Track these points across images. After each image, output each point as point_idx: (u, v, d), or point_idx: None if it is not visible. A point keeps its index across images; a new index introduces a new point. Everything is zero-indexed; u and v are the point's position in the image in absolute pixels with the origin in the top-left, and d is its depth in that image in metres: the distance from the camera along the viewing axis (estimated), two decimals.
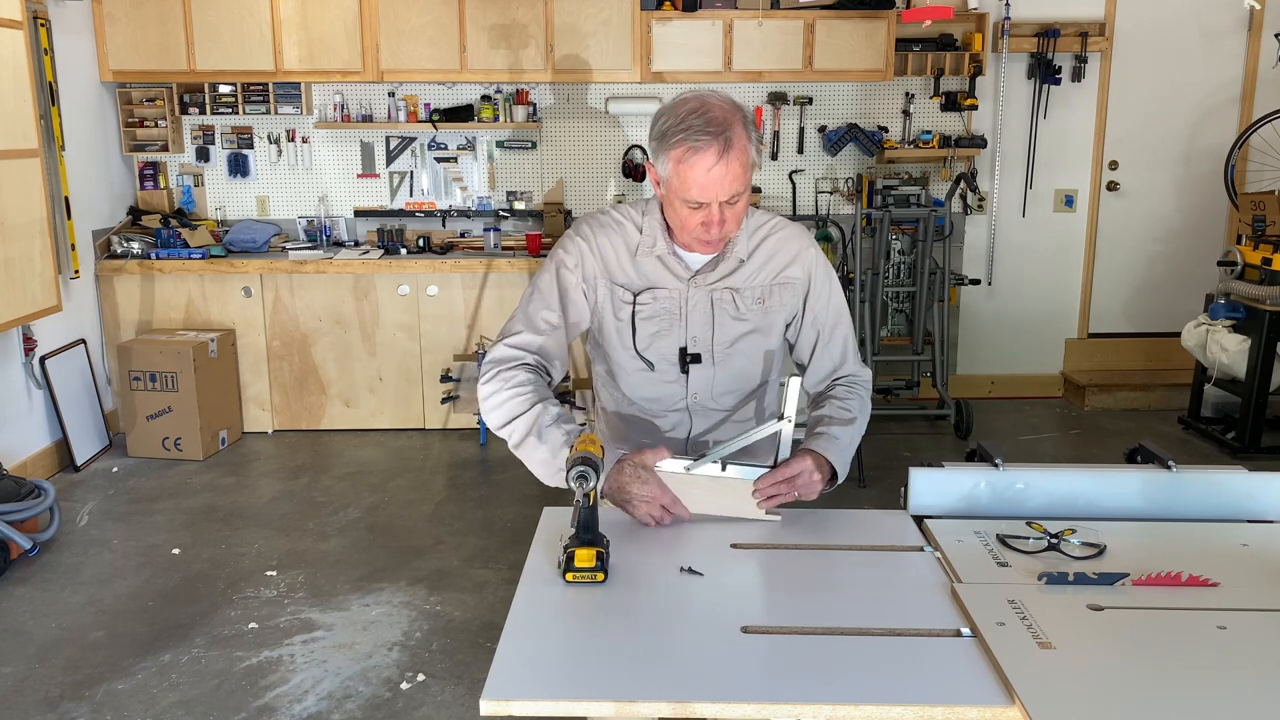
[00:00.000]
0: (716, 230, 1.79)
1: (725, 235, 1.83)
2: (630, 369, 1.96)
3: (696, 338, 1.91)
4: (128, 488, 4.64)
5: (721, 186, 1.74)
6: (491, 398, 1.85)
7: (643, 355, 1.93)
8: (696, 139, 1.72)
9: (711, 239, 1.82)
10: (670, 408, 1.97)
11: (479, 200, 5.75)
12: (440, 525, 4.22)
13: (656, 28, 5.27)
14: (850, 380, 2.01)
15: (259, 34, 5.20)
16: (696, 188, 1.75)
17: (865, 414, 1.98)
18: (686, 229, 1.83)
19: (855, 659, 1.40)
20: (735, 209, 1.80)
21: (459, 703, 2.93)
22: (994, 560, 1.68)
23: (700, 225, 1.80)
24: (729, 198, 1.76)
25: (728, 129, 1.72)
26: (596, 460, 1.62)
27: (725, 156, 1.72)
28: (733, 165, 1.73)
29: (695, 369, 1.92)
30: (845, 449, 1.89)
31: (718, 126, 1.72)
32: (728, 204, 1.77)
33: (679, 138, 1.73)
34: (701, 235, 1.82)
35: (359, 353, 5.35)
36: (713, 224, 1.78)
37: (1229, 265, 5.09)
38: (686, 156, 1.73)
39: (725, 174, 1.73)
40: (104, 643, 3.26)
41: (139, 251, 5.16)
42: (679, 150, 1.74)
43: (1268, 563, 1.68)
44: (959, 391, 5.80)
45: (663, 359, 1.93)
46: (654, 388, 1.96)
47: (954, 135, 5.65)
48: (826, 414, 1.94)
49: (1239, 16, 5.71)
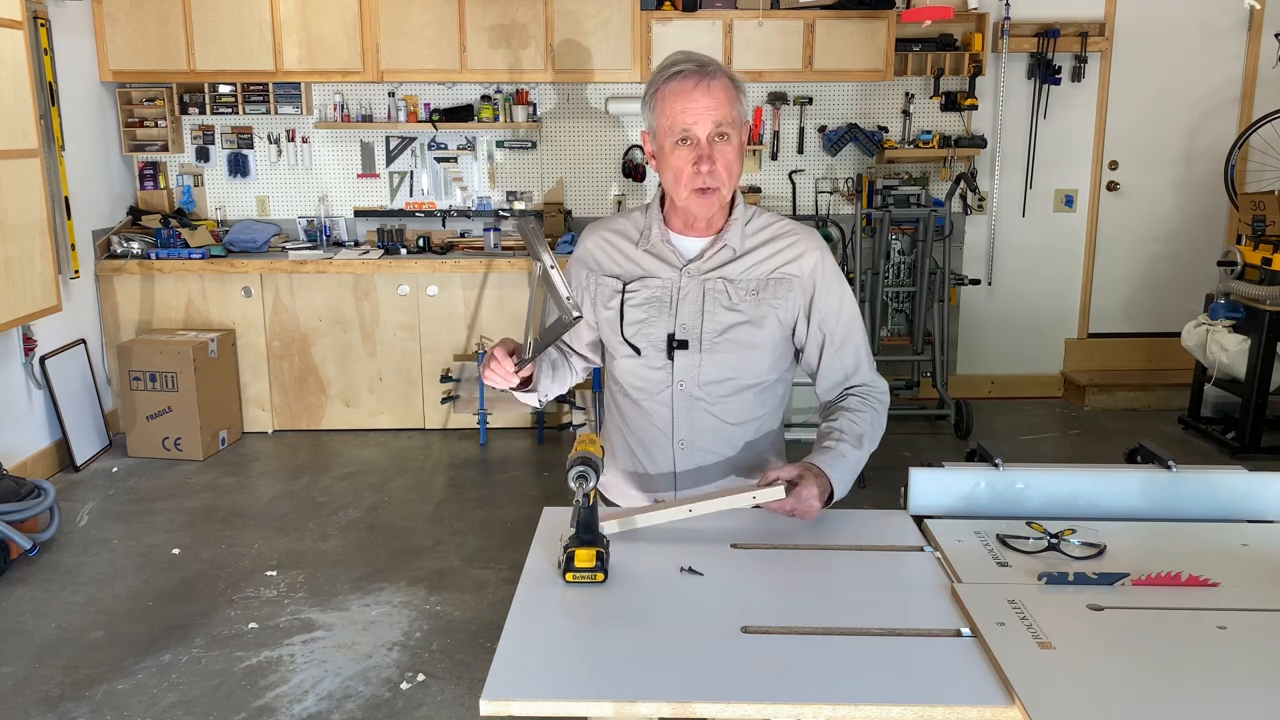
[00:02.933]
0: (708, 168, 1.80)
1: (719, 184, 1.83)
2: (619, 354, 1.98)
3: (686, 325, 1.91)
4: (128, 488, 4.64)
5: (705, 110, 1.78)
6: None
7: (629, 341, 1.94)
8: (677, 69, 1.80)
9: (705, 184, 1.82)
10: (656, 395, 1.97)
11: (479, 200, 5.75)
12: (440, 525, 4.22)
13: (656, 28, 5.27)
14: (865, 391, 1.98)
15: (259, 34, 5.20)
16: (681, 114, 1.79)
17: (878, 429, 1.95)
18: (680, 179, 1.84)
19: (855, 659, 1.40)
20: (726, 152, 1.82)
21: (459, 703, 2.93)
22: (994, 560, 1.68)
23: (692, 167, 1.81)
24: (715, 127, 1.79)
25: (708, 64, 1.81)
26: (596, 460, 1.62)
27: (706, 80, 1.78)
28: (715, 89, 1.78)
29: (681, 355, 1.92)
30: (850, 469, 1.87)
31: (698, 60, 1.81)
32: (718, 138, 1.80)
33: (660, 75, 1.83)
34: (694, 181, 1.82)
35: (359, 353, 5.35)
36: (703, 160, 1.80)
37: (1229, 265, 5.09)
38: (667, 86, 1.81)
39: (708, 95, 1.78)
40: (104, 643, 3.26)
41: (139, 251, 5.17)
42: (661, 86, 1.82)
43: (1268, 563, 1.68)
44: (959, 391, 5.80)
45: (650, 345, 1.94)
46: (642, 373, 1.96)
47: (954, 135, 5.65)
48: (838, 427, 1.91)
49: (1239, 16, 5.71)
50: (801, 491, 1.79)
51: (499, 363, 1.80)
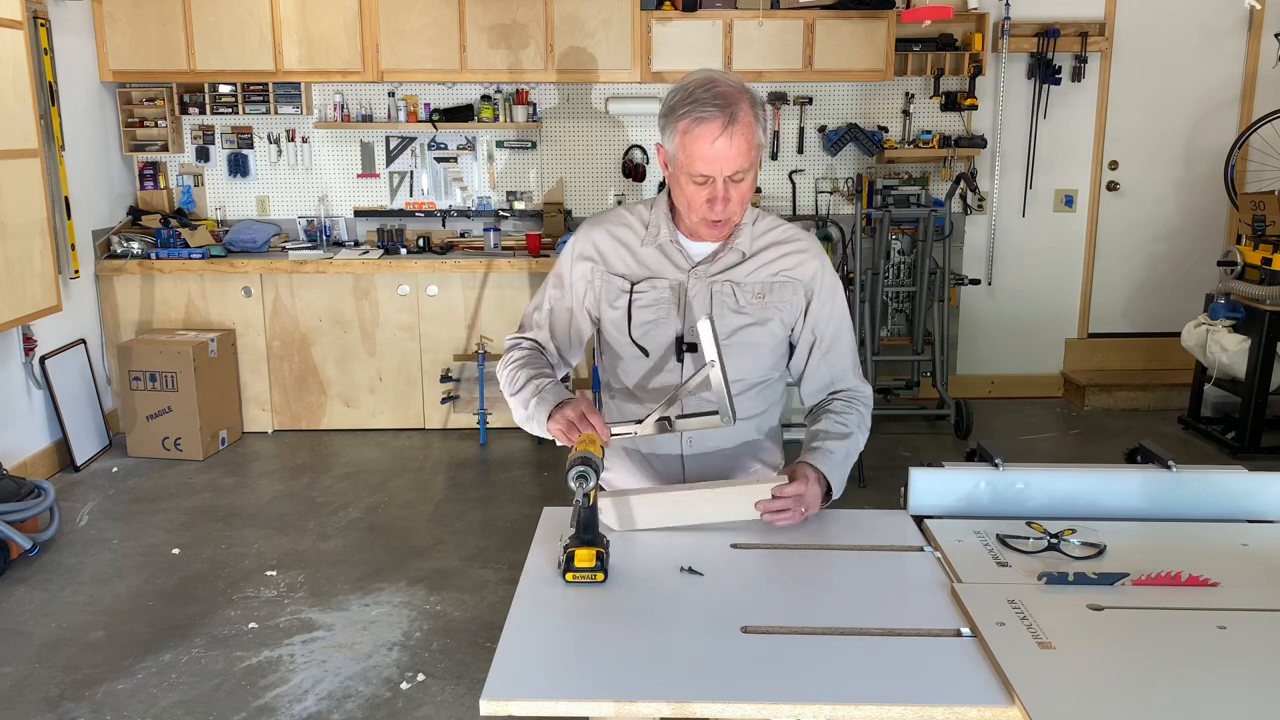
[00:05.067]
0: (721, 207, 1.80)
1: (730, 215, 1.84)
2: (627, 356, 1.98)
3: (694, 327, 1.92)
4: (128, 488, 4.64)
5: (726, 160, 1.76)
6: (501, 384, 2.00)
7: (638, 343, 1.94)
8: (702, 110, 1.74)
9: (717, 218, 1.83)
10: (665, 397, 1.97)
11: (479, 200, 5.75)
12: (440, 525, 4.22)
13: (656, 28, 5.27)
14: (850, 395, 2.00)
15: (259, 34, 5.20)
16: (701, 160, 1.76)
17: (864, 429, 1.97)
18: (693, 208, 1.84)
19: (855, 659, 1.40)
20: (740, 188, 1.80)
21: (459, 703, 2.93)
22: (994, 560, 1.68)
23: (706, 203, 1.81)
24: (733, 173, 1.77)
25: (734, 104, 1.75)
26: (596, 460, 1.62)
27: (730, 129, 1.74)
28: (737, 139, 1.75)
29: (691, 358, 1.93)
30: (840, 464, 1.89)
31: (724, 100, 1.74)
32: (732, 180, 1.78)
33: (686, 109, 1.76)
34: (707, 214, 1.82)
35: (359, 353, 5.35)
36: (718, 200, 1.79)
37: (1229, 265, 5.08)
38: (692, 128, 1.75)
39: (729, 147, 1.75)
40: (104, 643, 3.26)
41: (139, 251, 5.16)
42: (685, 122, 1.76)
43: (1268, 563, 1.68)
44: (959, 391, 5.80)
45: (659, 347, 1.94)
46: (650, 375, 1.96)
47: (954, 135, 5.65)
48: (822, 428, 1.94)
49: (1239, 16, 5.71)
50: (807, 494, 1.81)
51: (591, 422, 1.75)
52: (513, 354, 2.00)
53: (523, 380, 1.91)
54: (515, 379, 1.93)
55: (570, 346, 2.04)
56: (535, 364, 1.96)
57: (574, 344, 2.04)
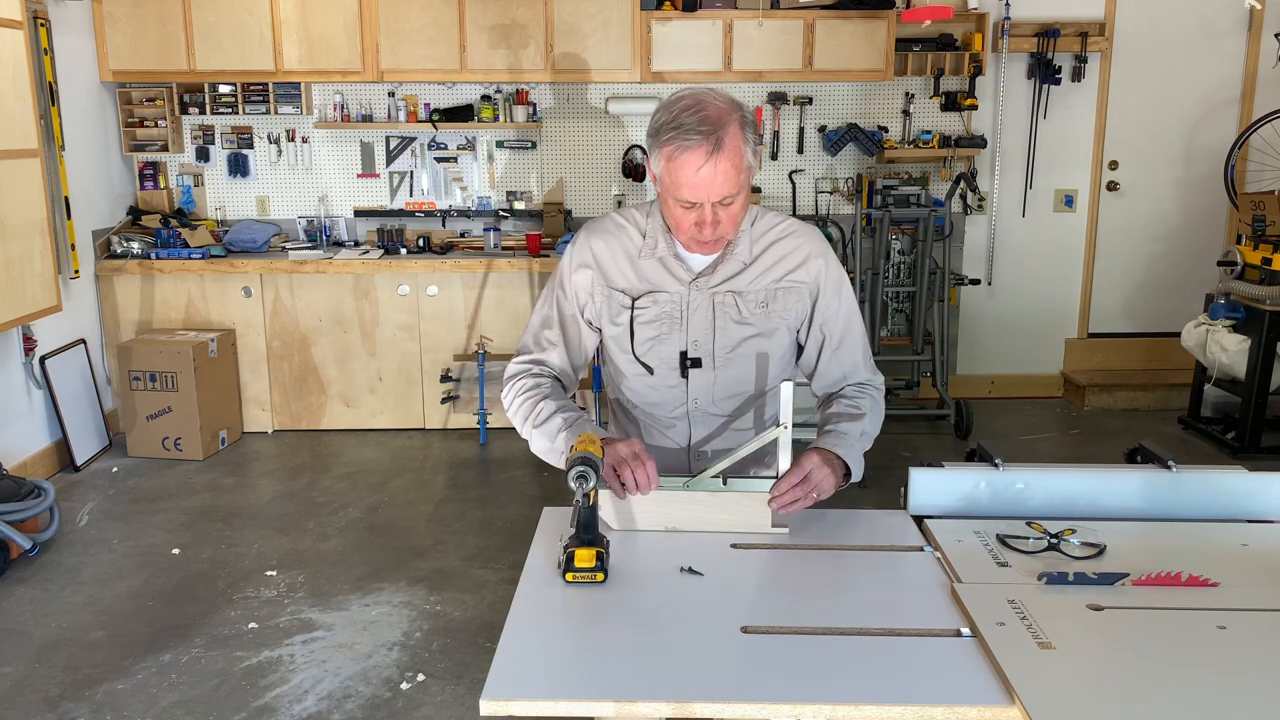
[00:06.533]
0: (709, 231, 1.77)
1: (721, 236, 1.80)
2: (630, 374, 1.95)
3: (698, 342, 1.89)
4: (128, 488, 4.64)
5: (711, 187, 1.71)
6: (509, 410, 1.95)
7: (642, 360, 1.92)
8: (686, 138, 1.69)
9: (705, 239, 1.80)
10: (670, 412, 1.96)
11: (479, 200, 5.75)
12: (440, 525, 4.22)
13: (656, 28, 5.27)
14: (861, 385, 1.98)
15: (259, 34, 5.20)
16: (686, 187, 1.72)
17: (877, 413, 1.94)
18: (681, 229, 1.81)
19: (855, 659, 1.40)
20: (730, 210, 1.77)
21: (459, 703, 2.93)
22: (994, 560, 1.68)
23: (694, 225, 1.77)
24: (720, 199, 1.73)
25: (720, 128, 1.69)
26: (596, 460, 1.62)
27: (715, 156, 1.69)
28: (722, 165, 1.70)
29: (695, 374, 1.90)
30: (854, 443, 1.85)
31: (710, 125, 1.69)
32: (721, 205, 1.75)
33: (670, 135, 1.71)
34: (695, 235, 1.79)
35: (359, 353, 5.35)
36: (705, 224, 1.76)
37: (1229, 265, 5.08)
38: (676, 155, 1.71)
39: (714, 174, 1.70)
40: (104, 643, 3.26)
41: (139, 251, 5.16)
42: (669, 148, 1.71)
43: (1268, 563, 1.68)
44: (959, 391, 5.80)
45: (662, 364, 1.91)
46: (654, 392, 1.94)
47: (954, 135, 5.65)
48: (834, 412, 1.92)
49: (1239, 16, 5.71)
50: (812, 474, 1.76)
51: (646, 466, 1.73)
52: (522, 381, 1.94)
53: (548, 411, 1.85)
54: (538, 411, 1.87)
55: (584, 360, 2.00)
56: (557, 395, 1.91)
57: (586, 357, 2.00)
